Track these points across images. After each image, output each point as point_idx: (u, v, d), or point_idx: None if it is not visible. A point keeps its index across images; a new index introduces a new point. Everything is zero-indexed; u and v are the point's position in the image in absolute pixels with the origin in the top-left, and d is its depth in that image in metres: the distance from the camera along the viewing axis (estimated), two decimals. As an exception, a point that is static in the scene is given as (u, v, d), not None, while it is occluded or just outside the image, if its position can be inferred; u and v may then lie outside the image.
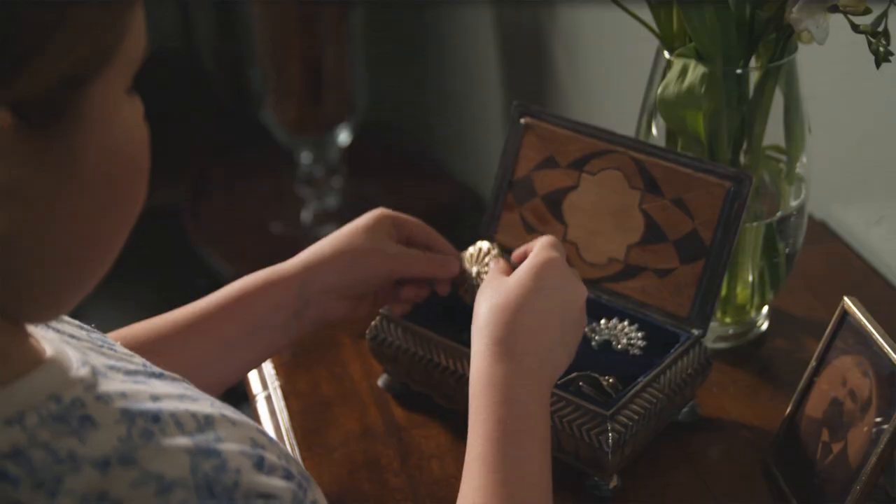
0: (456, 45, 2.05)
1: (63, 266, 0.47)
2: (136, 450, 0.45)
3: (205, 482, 0.45)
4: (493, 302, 0.71)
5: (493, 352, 0.69)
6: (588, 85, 1.65)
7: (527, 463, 0.66)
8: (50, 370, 0.47)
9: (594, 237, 0.88)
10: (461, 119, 2.08)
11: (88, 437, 0.45)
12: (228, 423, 0.49)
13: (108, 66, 0.44)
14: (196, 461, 0.46)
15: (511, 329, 0.69)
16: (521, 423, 0.67)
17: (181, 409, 0.48)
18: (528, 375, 0.68)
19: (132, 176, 0.48)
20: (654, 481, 0.82)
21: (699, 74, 0.84)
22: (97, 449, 0.44)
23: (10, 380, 0.45)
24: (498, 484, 0.64)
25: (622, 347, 0.85)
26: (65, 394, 0.46)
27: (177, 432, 0.47)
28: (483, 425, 0.66)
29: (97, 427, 0.45)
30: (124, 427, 0.46)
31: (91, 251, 0.48)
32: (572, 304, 0.74)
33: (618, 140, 0.88)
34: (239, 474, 0.47)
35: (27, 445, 0.43)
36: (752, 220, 0.91)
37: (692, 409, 0.86)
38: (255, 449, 0.49)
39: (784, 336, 0.97)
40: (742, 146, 0.89)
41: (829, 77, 1.08)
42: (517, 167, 0.92)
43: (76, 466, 0.44)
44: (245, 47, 1.95)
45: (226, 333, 0.78)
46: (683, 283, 0.84)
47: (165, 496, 0.44)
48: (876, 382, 0.74)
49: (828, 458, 0.76)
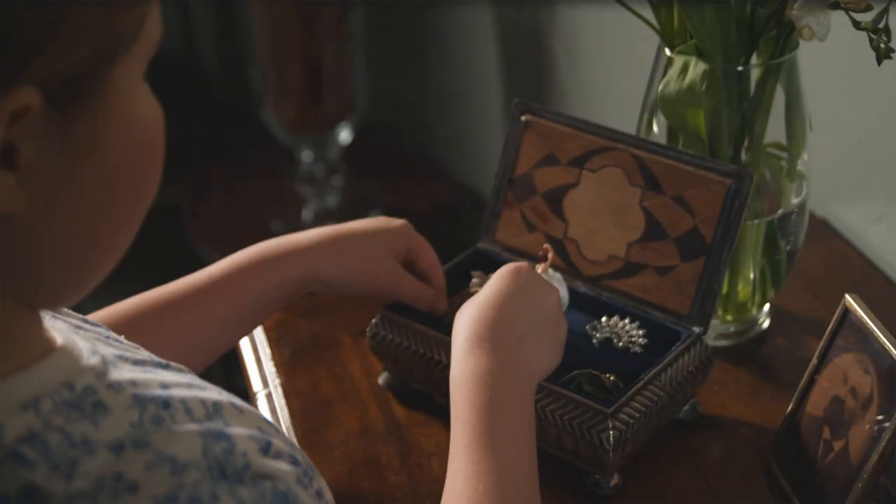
0: (456, 44, 2.05)
1: (77, 250, 0.47)
2: (149, 434, 0.46)
3: (216, 464, 0.46)
4: (465, 311, 0.74)
5: (463, 347, 0.71)
6: (588, 84, 1.65)
7: (510, 448, 0.66)
8: (62, 358, 0.47)
9: (594, 234, 0.88)
10: (461, 118, 2.08)
11: (101, 422, 0.45)
12: (236, 411, 0.50)
13: (128, 51, 0.45)
14: (207, 444, 0.47)
15: (478, 325, 0.72)
16: (496, 410, 0.67)
17: (190, 395, 0.49)
18: (498, 364, 0.70)
19: (147, 163, 0.48)
20: (655, 479, 0.82)
21: (700, 72, 0.83)
22: (110, 433, 0.45)
23: (25, 366, 0.46)
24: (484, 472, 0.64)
25: (623, 345, 0.85)
26: (77, 381, 0.46)
27: (186, 418, 0.47)
28: (461, 415, 0.68)
29: (110, 413, 0.46)
30: (136, 412, 0.46)
31: (105, 237, 0.48)
32: (540, 299, 0.75)
33: (618, 137, 0.87)
34: (247, 457, 0.47)
35: (42, 429, 0.44)
36: (753, 218, 0.90)
37: (693, 407, 0.86)
38: (263, 434, 0.49)
39: (785, 334, 0.97)
40: (743, 143, 0.89)
41: (829, 74, 1.08)
42: (517, 165, 0.92)
43: (90, 450, 0.44)
44: (245, 47, 1.95)
45: (223, 311, 0.79)
46: (684, 281, 0.84)
47: (179, 476, 0.45)
48: (877, 380, 0.74)
49: (829, 456, 0.76)
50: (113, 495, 0.44)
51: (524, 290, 0.75)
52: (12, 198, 0.43)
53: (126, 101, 0.46)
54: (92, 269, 0.49)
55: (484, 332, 0.71)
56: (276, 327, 0.98)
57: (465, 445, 0.66)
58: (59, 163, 0.44)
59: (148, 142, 0.48)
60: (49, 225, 0.45)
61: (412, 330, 0.85)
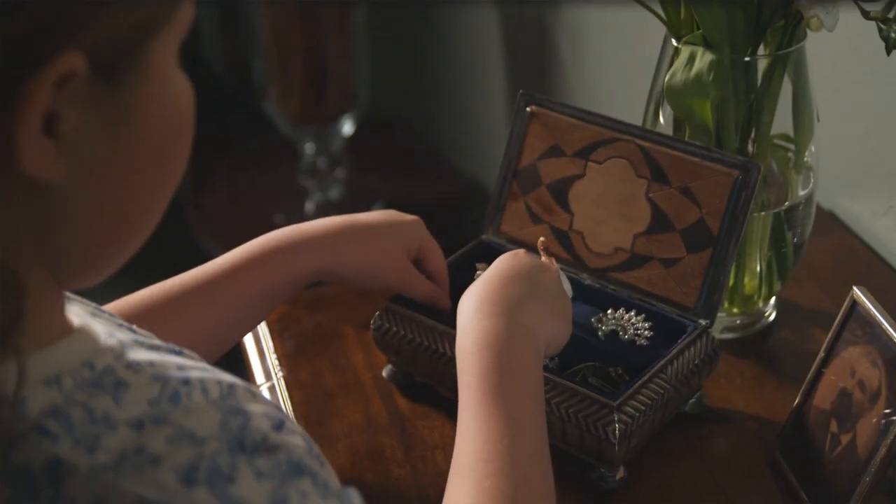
0: (460, 35, 2.04)
1: (109, 225, 0.48)
2: (168, 411, 0.46)
3: (234, 437, 0.46)
4: (467, 293, 0.75)
5: (467, 318, 0.72)
6: (593, 75, 1.64)
7: (518, 408, 0.66)
8: (82, 339, 0.48)
9: (600, 226, 0.87)
10: (465, 110, 2.07)
11: (122, 399, 0.46)
12: (250, 395, 0.51)
13: (169, 24, 0.46)
14: (225, 419, 0.47)
15: (479, 297, 0.73)
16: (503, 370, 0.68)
17: (206, 376, 0.49)
18: (503, 325, 0.70)
19: (178, 141, 0.49)
20: (661, 473, 0.81)
21: (707, 62, 0.83)
22: (131, 411, 0.46)
23: (47, 344, 0.47)
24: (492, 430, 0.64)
25: (629, 338, 0.84)
26: (97, 361, 0.47)
27: (203, 397, 0.48)
28: (466, 377, 0.69)
29: (130, 390, 0.46)
30: (156, 390, 0.47)
31: (135, 213, 0.49)
32: (538, 273, 0.76)
33: (624, 128, 0.87)
34: (263, 431, 0.48)
35: (65, 404, 0.45)
36: (759, 210, 0.90)
37: (699, 399, 0.86)
38: (277, 413, 0.50)
39: (791, 327, 0.97)
40: (750, 135, 0.88)
41: (837, 65, 1.07)
42: (522, 156, 0.91)
43: (112, 426, 0.45)
44: (248, 39, 1.94)
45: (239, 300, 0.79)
46: (690, 273, 0.84)
47: (199, 448, 0.45)
48: (885, 373, 0.73)
49: (836, 449, 0.76)
50: (136, 468, 0.44)
51: (521, 266, 0.76)
52: (52, 168, 0.44)
53: (162, 76, 0.47)
54: (121, 246, 0.50)
55: (486, 299, 0.72)
56: (278, 320, 0.98)
57: (472, 406, 0.66)
58: (98, 134, 0.45)
59: (180, 119, 0.49)
60: (83, 198, 0.46)
61: (416, 322, 0.84)
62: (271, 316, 0.97)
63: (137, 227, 0.50)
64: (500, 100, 1.92)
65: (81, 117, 0.44)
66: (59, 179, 0.44)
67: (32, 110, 0.42)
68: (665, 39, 0.88)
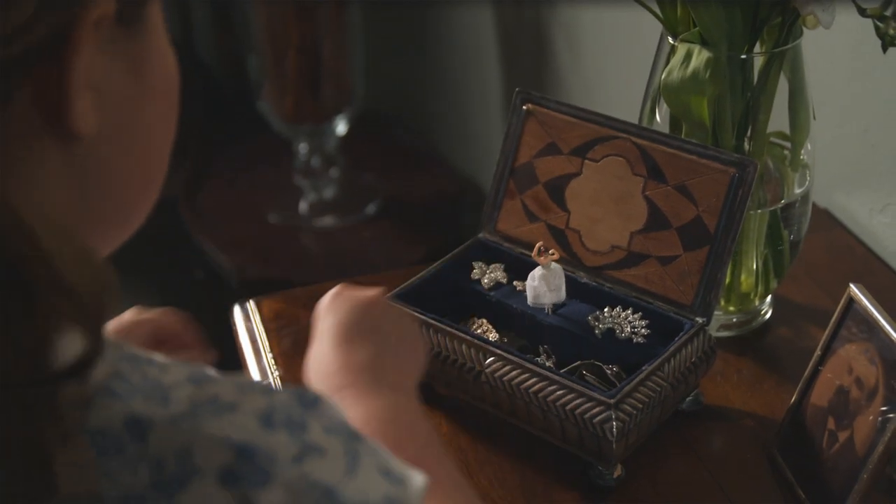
0: (456, 33, 2.04)
1: (135, 174, 0.48)
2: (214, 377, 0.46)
3: (263, 414, 0.46)
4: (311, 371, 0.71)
5: None
6: (589, 74, 1.64)
7: None
8: None
9: (596, 224, 0.87)
10: (461, 108, 2.07)
11: (165, 367, 0.46)
12: None
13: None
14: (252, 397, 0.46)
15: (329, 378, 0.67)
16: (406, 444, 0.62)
17: None
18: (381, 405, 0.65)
19: (176, 92, 0.50)
20: (658, 470, 0.81)
21: (703, 60, 0.83)
22: (180, 373, 0.45)
23: None
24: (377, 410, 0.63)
25: (625, 336, 0.84)
26: (124, 347, 0.46)
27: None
28: None
29: (167, 364, 0.46)
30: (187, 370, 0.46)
31: (154, 162, 0.50)
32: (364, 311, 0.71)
33: (620, 126, 0.87)
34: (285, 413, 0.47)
35: (124, 370, 0.44)
36: (756, 208, 0.90)
37: (696, 397, 0.86)
38: None
39: (787, 324, 0.97)
40: (746, 132, 0.88)
41: (834, 63, 1.07)
42: (519, 154, 0.91)
43: (174, 383, 0.45)
44: (242, 37, 1.94)
45: None
46: (687, 271, 0.83)
47: (270, 398, 0.45)
48: (882, 370, 0.73)
49: (834, 446, 0.76)
50: (214, 413, 0.44)
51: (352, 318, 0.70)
52: (90, 119, 0.44)
53: (161, 27, 0.48)
54: (147, 197, 0.50)
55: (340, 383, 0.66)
56: (275, 318, 0.98)
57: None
58: (123, 79, 0.46)
59: (173, 79, 0.50)
60: (112, 150, 0.46)
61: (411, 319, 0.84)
62: (268, 314, 0.97)
63: (156, 180, 0.50)
64: (496, 98, 1.91)
65: (109, 63, 0.45)
66: (93, 130, 0.44)
67: (80, 60, 0.42)
68: (661, 37, 0.88)
